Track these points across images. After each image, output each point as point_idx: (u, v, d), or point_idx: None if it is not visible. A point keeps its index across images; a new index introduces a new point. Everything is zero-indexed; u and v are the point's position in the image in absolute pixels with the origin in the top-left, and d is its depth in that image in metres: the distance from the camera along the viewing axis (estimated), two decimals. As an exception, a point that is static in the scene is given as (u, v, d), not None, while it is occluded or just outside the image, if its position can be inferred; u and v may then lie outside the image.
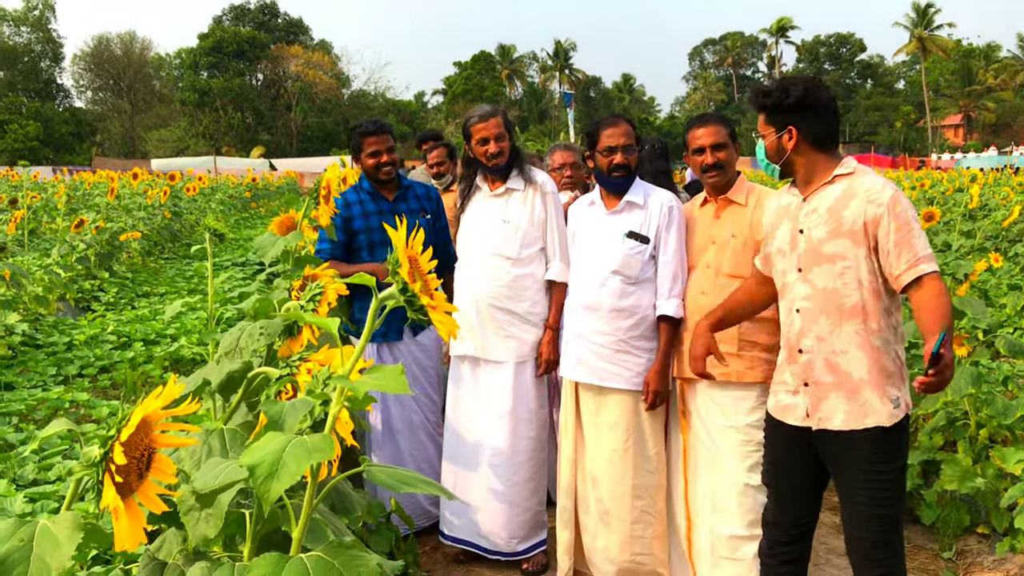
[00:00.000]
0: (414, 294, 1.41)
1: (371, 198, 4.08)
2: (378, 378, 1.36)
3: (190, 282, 11.25)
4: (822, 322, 2.63)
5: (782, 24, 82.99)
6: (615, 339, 3.40)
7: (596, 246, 3.49)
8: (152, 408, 1.26)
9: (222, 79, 64.76)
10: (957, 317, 4.82)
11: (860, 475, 2.64)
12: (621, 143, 3.43)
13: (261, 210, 26.77)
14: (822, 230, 2.61)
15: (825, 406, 2.66)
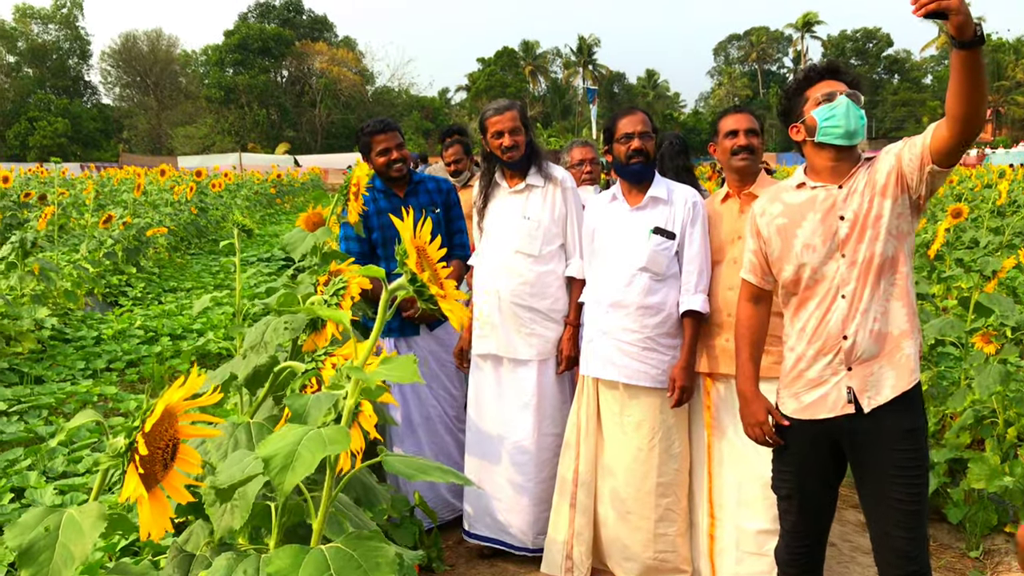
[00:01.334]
0: (423, 284, 1.42)
1: (383, 195, 4.12)
2: (390, 368, 1.37)
3: (216, 277, 11.35)
4: (866, 294, 2.61)
5: (808, 19, 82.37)
6: (643, 336, 3.39)
7: (621, 243, 3.48)
8: (175, 398, 1.28)
9: (247, 76, 65.22)
10: (985, 315, 4.78)
11: (897, 459, 2.61)
12: (639, 130, 3.44)
13: (286, 206, 26.92)
14: (864, 204, 2.60)
15: (872, 381, 2.62)
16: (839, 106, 2.64)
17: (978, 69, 2.24)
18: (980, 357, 4.46)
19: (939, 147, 2.44)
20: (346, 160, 45.40)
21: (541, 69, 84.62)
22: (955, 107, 2.33)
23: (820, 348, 2.69)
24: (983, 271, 4.89)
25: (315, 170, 42.26)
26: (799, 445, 2.82)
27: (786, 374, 2.82)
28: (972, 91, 2.28)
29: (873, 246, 2.59)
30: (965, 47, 2.20)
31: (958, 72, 2.26)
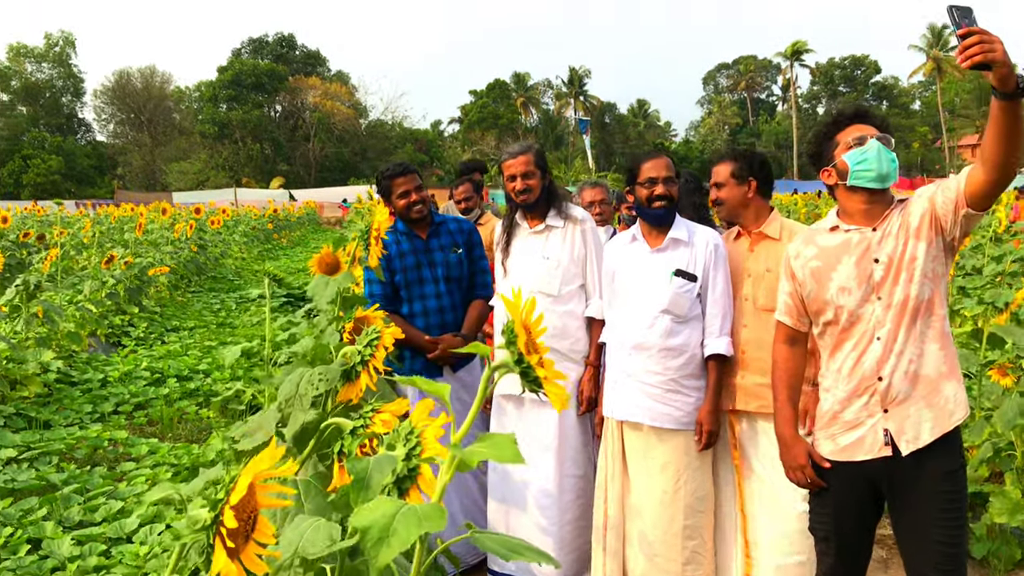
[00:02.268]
0: (530, 366, 1.41)
1: (406, 238, 4.15)
2: (491, 448, 1.36)
3: (218, 315, 11.32)
4: (901, 335, 2.61)
5: (796, 48, 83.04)
6: (666, 379, 3.39)
7: (643, 285, 3.48)
8: (260, 470, 1.27)
9: (241, 111, 65.45)
10: (999, 346, 4.79)
11: (938, 500, 2.60)
12: (663, 175, 3.45)
13: (283, 241, 26.93)
14: (899, 247, 2.62)
15: (910, 425, 2.61)
16: (870, 150, 2.66)
17: (1016, 119, 2.27)
18: (997, 389, 4.46)
19: (974, 191, 2.47)
20: (341, 194, 45.52)
21: (533, 100, 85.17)
22: (993, 153, 2.36)
23: (855, 389, 2.70)
24: (996, 303, 4.90)
25: (310, 204, 42.29)
26: (837, 487, 2.81)
27: (822, 415, 2.82)
28: (1011, 139, 2.31)
29: (908, 288, 2.60)
30: (1007, 98, 2.23)
31: (998, 120, 2.29)
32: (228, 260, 17.81)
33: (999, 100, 2.25)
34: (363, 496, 1.57)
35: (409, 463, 1.65)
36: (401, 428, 1.71)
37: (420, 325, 4.07)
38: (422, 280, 4.11)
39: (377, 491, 1.57)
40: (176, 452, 5.42)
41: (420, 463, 1.65)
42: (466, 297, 4.23)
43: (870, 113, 2.80)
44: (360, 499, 1.56)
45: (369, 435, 1.92)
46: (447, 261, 4.16)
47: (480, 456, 1.33)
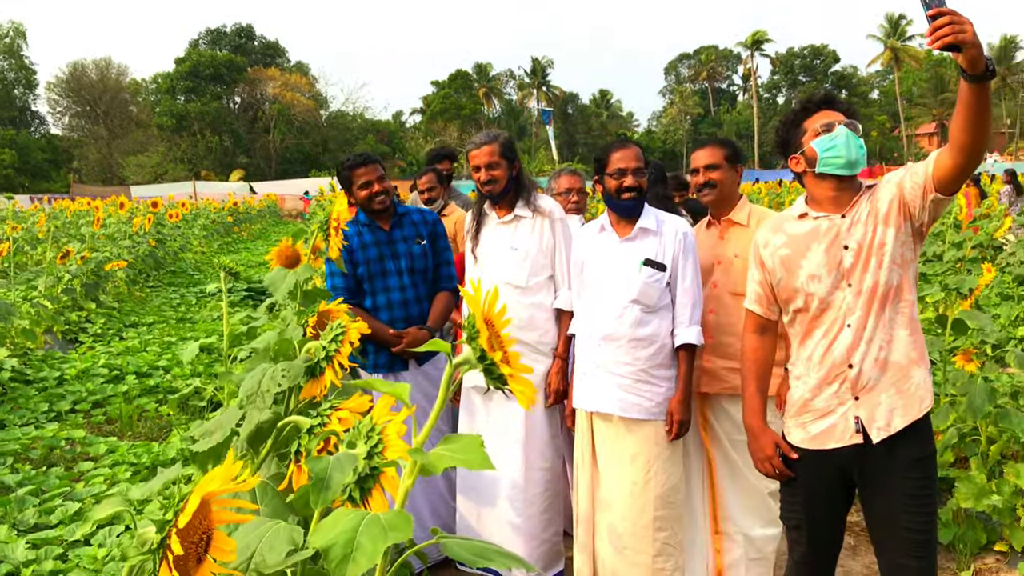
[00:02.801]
0: (493, 363, 1.34)
1: (368, 229, 4.06)
2: (457, 452, 1.29)
3: (177, 310, 11.13)
4: (870, 322, 2.60)
5: (757, 37, 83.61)
6: (636, 369, 3.35)
7: (612, 275, 3.43)
8: (211, 488, 1.19)
9: (199, 103, 64.57)
10: (962, 332, 4.81)
11: (908, 487, 2.59)
12: (632, 166, 3.40)
13: (243, 234, 26.62)
14: (868, 234, 2.61)
15: (880, 412, 2.60)
16: (839, 136, 2.64)
17: (985, 101, 2.25)
18: (962, 375, 4.47)
19: (942, 175, 2.45)
20: (302, 186, 45.05)
21: (495, 91, 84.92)
22: (961, 137, 2.34)
23: (825, 377, 2.68)
24: (960, 289, 4.92)
25: (271, 196, 41.85)
26: (807, 476, 2.79)
27: (793, 403, 2.80)
28: (978, 122, 2.28)
29: (878, 274, 2.58)
30: (976, 80, 2.20)
31: (966, 104, 2.26)
32: (187, 254, 17.56)
33: (968, 82, 2.22)
34: (323, 497, 1.50)
35: (371, 461, 1.59)
36: (362, 425, 1.65)
37: (384, 318, 4.00)
38: (385, 272, 4.03)
39: (338, 491, 1.50)
40: (135, 451, 5.30)
41: (383, 461, 1.59)
42: (431, 289, 4.16)
43: (837, 99, 2.77)
44: (320, 500, 1.49)
45: (327, 433, 1.84)
46: (411, 253, 4.08)
47: (447, 462, 1.26)
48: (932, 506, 2.63)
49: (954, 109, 2.36)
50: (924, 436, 2.62)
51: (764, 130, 79.74)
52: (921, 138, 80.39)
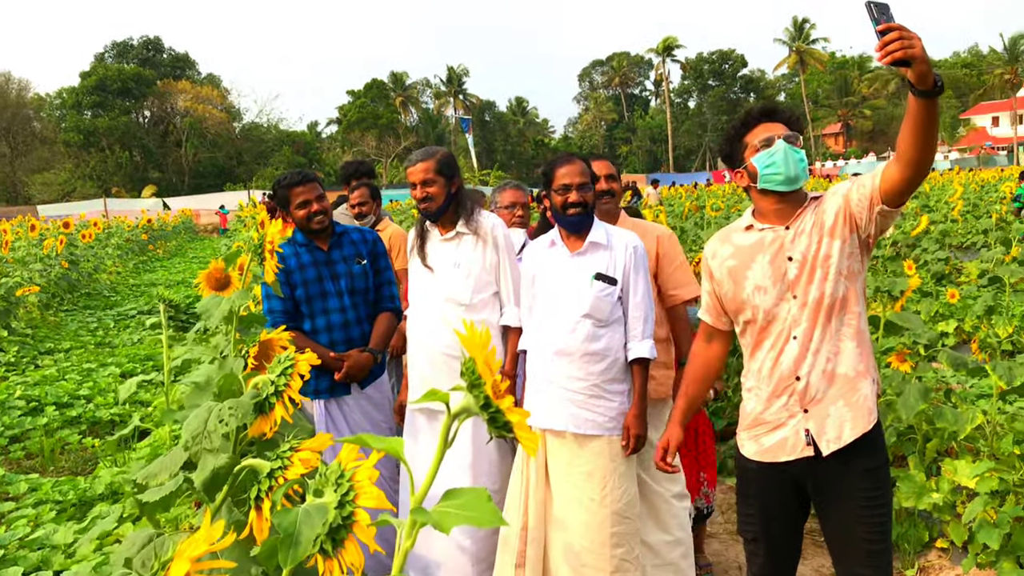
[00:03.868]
0: (499, 410, 1.27)
1: (306, 250, 3.95)
2: (462, 507, 1.21)
3: (95, 335, 10.74)
4: (816, 334, 2.60)
5: (668, 43, 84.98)
6: (589, 384, 3.32)
7: (563, 289, 3.40)
8: (196, 553, 1.10)
9: (107, 118, 62.68)
10: (896, 333, 4.91)
11: (861, 499, 2.60)
12: (576, 181, 3.36)
13: (159, 252, 25.91)
14: (812, 245, 2.60)
15: (830, 423, 2.60)
16: (777, 152, 2.63)
17: (933, 116, 2.25)
18: (896, 376, 4.56)
19: (889, 188, 2.44)
20: (217, 200, 44.11)
21: (412, 100, 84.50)
22: (908, 150, 2.33)
23: (774, 389, 2.68)
24: (891, 291, 5.02)
25: (186, 212, 40.83)
26: (762, 489, 2.79)
27: (745, 416, 2.80)
28: (926, 136, 2.29)
29: (823, 286, 2.58)
30: (925, 96, 2.20)
31: (914, 118, 2.26)
32: (102, 275, 16.97)
33: (917, 98, 2.21)
34: (293, 554, 1.42)
35: (343, 511, 1.51)
36: (329, 472, 1.56)
37: (324, 341, 3.89)
38: (325, 294, 3.92)
39: (308, 547, 1.42)
40: (60, 487, 5.05)
41: (355, 509, 1.51)
42: (372, 310, 4.06)
43: (778, 110, 2.75)
44: (290, 558, 1.41)
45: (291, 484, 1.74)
46: (351, 273, 3.98)
47: (454, 520, 1.19)
48: (887, 515, 2.64)
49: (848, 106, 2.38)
50: (875, 447, 2.63)
51: (677, 134, 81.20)
52: (828, 138, 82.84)
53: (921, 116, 2.25)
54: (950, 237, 15.09)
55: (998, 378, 4.42)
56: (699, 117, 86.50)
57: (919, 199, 19.04)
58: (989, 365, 4.34)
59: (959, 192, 19.26)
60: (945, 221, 16.24)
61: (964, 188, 20.95)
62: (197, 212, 43.24)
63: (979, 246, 13.81)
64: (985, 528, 3.82)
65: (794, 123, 2.73)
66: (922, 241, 12.92)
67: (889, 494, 2.67)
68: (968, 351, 7.37)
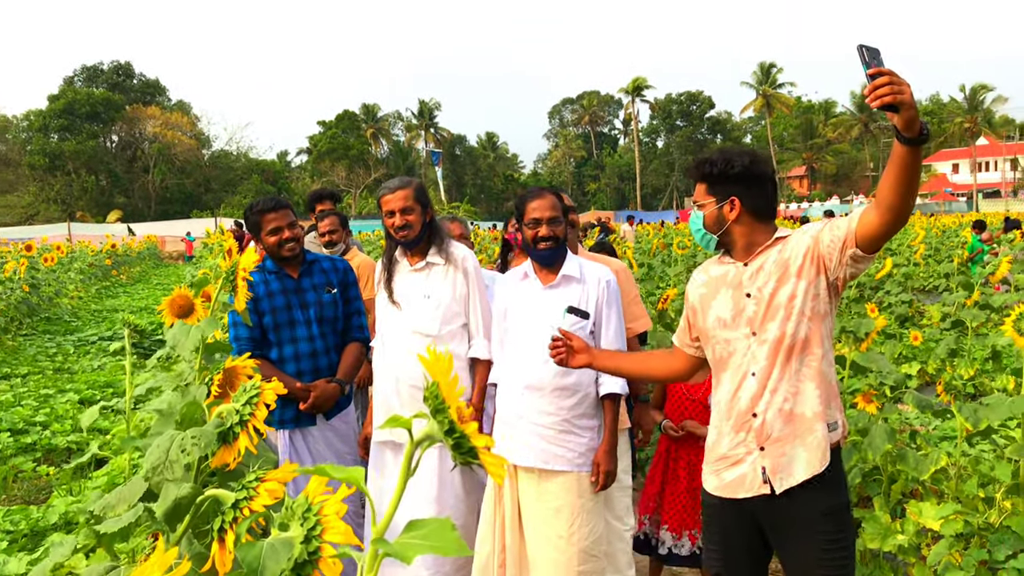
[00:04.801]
0: (464, 436, 1.24)
1: (275, 277, 3.90)
2: (426, 537, 1.18)
3: (54, 360, 10.53)
4: (775, 373, 2.59)
5: (637, 83, 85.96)
6: (559, 419, 3.29)
7: (536, 323, 3.37)
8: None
9: (74, 141, 62.08)
10: (862, 374, 4.94)
11: (820, 541, 2.59)
12: (547, 216, 3.36)
13: (122, 278, 25.57)
14: (772, 284, 2.60)
15: (785, 462, 2.59)
16: (691, 220, 2.80)
17: (917, 164, 2.25)
18: (863, 416, 4.57)
19: (867, 232, 2.43)
20: (184, 227, 43.73)
21: (383, 132, 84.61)
22: (890, 197, 2.32)
23: (733, 424, 2.68)
24: (857, 332, 5.05)
25: (151, 238, 40.37)
26: (723, 524, 2.79)
27: (709, 449, 2.80)
28: (908, 183, 2.29)
29: (785, 326, 2.57)
30: (910, 143, 2.20)
31: (898, 165, 2.26)
32: (64, 299, 16.69)
33: (902, 144, 2.21)
34: (259, 589, 1.37)
35: (309, 546, 1.46)
36: (296, 505, 1.52)
37: (291, 370, 3.83)
38: (293, 322, 3.87)
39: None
40: (12, 517, 4.90)
41: (322, 544, 1.46)
42: (340, 340, 4.01)
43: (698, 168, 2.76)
44: (256, 593, 1.37)
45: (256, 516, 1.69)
46: (320, 301, 3.93)
47: (416, 551, 1.15)
48: (848, 558, 2.63)
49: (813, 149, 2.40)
50: (834, 487, 2.62)
51: (645, 173, 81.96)
52: (792, 180, 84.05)
53: (905, 162, 2.24)
54: (912, 280, 15.30)
55: (964, 420, 4.45)
56: (667, 156, 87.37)
57: (883, 242, 19.29)
58: (955, 407, 4.36)
59: (921, 236, 19.58)
60: (908, 264, 16.49)
61: (926, 232, 21.30)
62: (163, 239, 42.80)
63: (941, 289, 14.01)
64: (951, 571, 3.81)
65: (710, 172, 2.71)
66: (885, 284, 13.07)
67: (851, 536, 2.66)
68: (931, 393, 7.44)
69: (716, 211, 2.68)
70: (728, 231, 2.69)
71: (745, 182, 2.65)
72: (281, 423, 3.83)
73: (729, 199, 2.65)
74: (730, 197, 2.65)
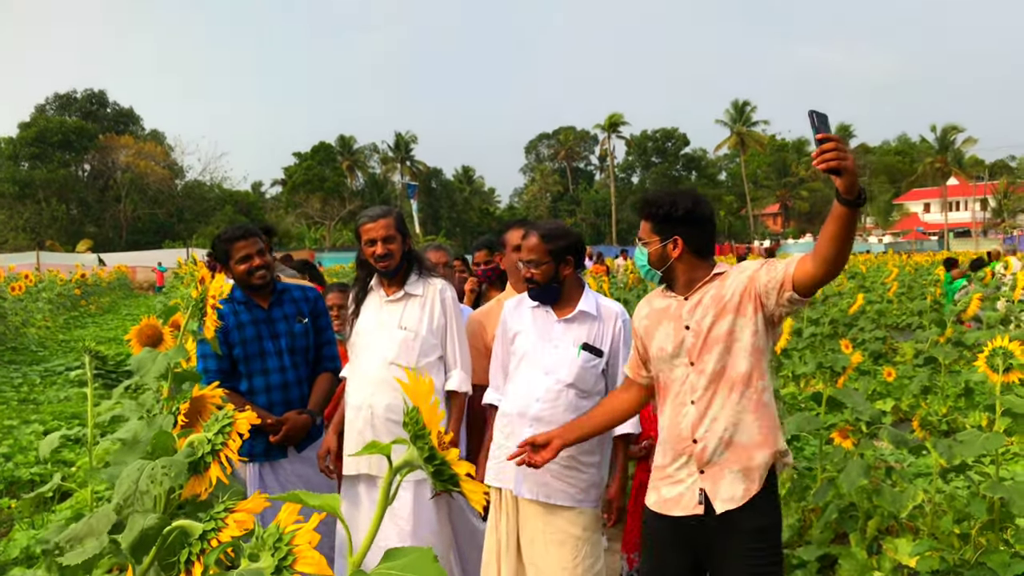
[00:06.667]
0: (444, 462, 1.20)
1: (245, 307, 3.84)
2: (406, 569, 1.13)
3: (19, 391, 10.34)
4: (716, 403, 2.72)
5: (613, 120, 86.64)
6: (566, 455, 3.24)
7: (548, 356, 3.36)
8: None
9: (45, 170, 61.49)
10: (838, 409, 4.94)
11: (749, 558, 2.69)
12: (530, 258, 3.38)
13: (92, 308, 25.27)
14: (709, 318, 2.74)
15: (724, 485, 2.71)
16: (635, 257, 2.93)
17: (853, 223, 2.44)
18: (839, 452, 4.56)
19: (802, 279, 2.59)
20: (155, 257, 43.35)
21: (359, 164, 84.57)
22: (826, 250, 2.49)
23: (675, 449, 2.81)
24: (834, 367, 5.06)
25: (122, 268, 39.92)
26: (658, 540, 2.90)
27: (654, 468, 2.93)
28: (844, 239, 2.46)
29: (724, 359, 2.72)
30: (849, 205, 2.38)
31: (836, 223, 2.43)
32: (31, 329, 16.44)
33: (841, 205, 2.39)
34: (228, 622, 1.31)
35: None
36: (266, 534, 1.46)
37: (262, 402, 3.75)
38: (264, 353, 3.80)
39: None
40: (-29, 551, 4.77)
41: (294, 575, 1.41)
42: (312, 370, 3.94)
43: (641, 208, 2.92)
44: (225, 626, 1.31)
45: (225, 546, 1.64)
46: (291, 332, 3.87)
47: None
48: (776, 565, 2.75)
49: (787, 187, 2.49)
50: (765, 507, 2.73)
51: (621, 208, 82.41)
52: (767, 217, 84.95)
53: (843, 221, 2.43)
54: (886, 317, 15.46)
55: (939, 456, 4.44)
56: (642, 192, 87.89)
57: (856, 279, 19.51)
58: (930, 443, 4.36)
59: (895, 274, 19.78)
60: (881, 301, 16.63)
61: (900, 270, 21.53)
62: (133, 268, 42.36)
63: (914, 327, 14.12)
64: (928, 608, 3.78)
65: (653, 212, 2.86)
66: (859, 320, 13.18)
67: (780, 554, 2.79)
68: (905, 429, 7.46)
69: (660, 249, 2.85)
70: (671, 267, 2.85)
71: (688, 223, 2.82)
72: (251, 456, 3.75)
73: (672, 238, 2.82)
74: (673, 237, 2.82)
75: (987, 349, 4.16)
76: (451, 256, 4.91)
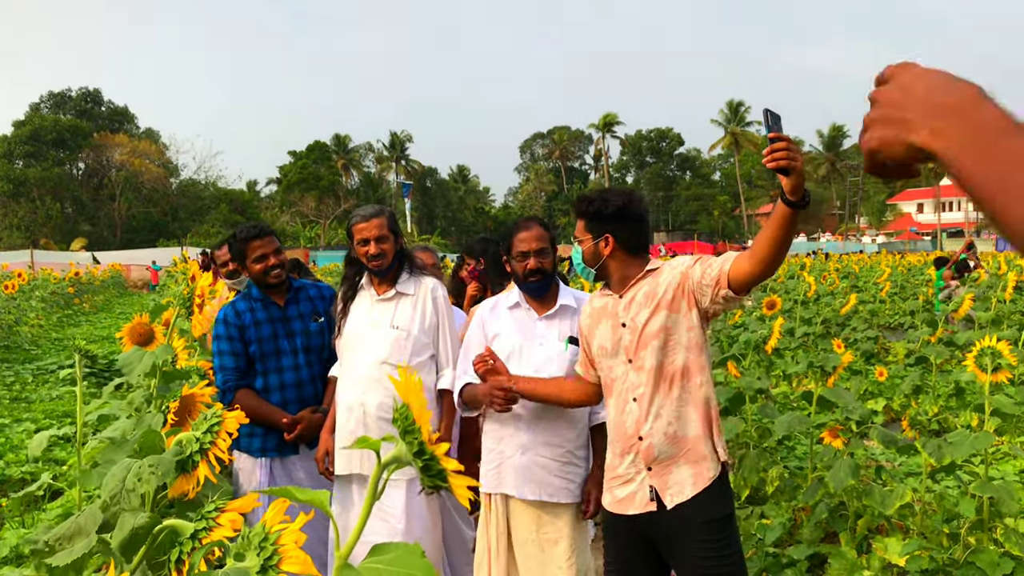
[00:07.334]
0: (434, 458, 1.20)
1: (261, 305, 3.87)
2: (391, 563, 1.13)
3: (12, 389, 10.32)
4: (657, 399, 2.75)
5: (608, 120, 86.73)
6: (564, 451, 3.26)
7: (533, 352, 3.34)
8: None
9: (39, 168, 61.39)
10: (828, 409, 4.96)
11: (702, 550, 2.71)
12: (534, 247, 3.33)
13: (85, 306, 25.22)
14: (643, 315, 2.78)
15: (672, 480, 2.74)
16: (571, 256, 2.99)
17: (794, 225, 2.46)
18: (830, 452, 4.58)
19: (737, 276, 2.62)
20: (150, 255, 43.30)
21: (354, 163, 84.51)
22: (764, 250, 2.52)
23: (622, 446, 2.85)
24: (824, 367, 5.07)
25: (116, 267, 39.88)
26: (617, 540, 2.93)
27: (606, 468, 2.97)
28: (782, 241, 2.49)
29: (660, 355, 2.75)
30: (792, 206, 2.40)
31: (778, 224, 2.45)
32: (24, 327, 16.40)
33: (784, 206, 2.41)
34: (213, 620, 1.32)
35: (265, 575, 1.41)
36: (252, 534, 1.46)
37: (276, 400, 3.77)
38: (279, 352, 3.82)
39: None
40: (-39, 550, 4.77)
41: (279, 574, 1.41)
42: (326, 368, 3.95)
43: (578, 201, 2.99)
44: (210, 624, 1.31)
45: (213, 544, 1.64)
46: (306, 330, 3.89)
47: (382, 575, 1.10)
48: (734, 567, 2.76)
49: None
50: (717, 499, 2.77)
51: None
52: (761, 217, 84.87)
53: (783, 223, 2.45)
54: (878, 317, 15.50)
55: (928, 456, 4.46)
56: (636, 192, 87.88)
57: (849, 279, 19.56)
58: (919, 443, 4.38)
59: (887, 274, 19.83)
60: (874, 301, 16.68)
61: (892, 270, 21.58)
62: (128, 267, 42.30)
63: (906, 327, 14.16)
64: (917, 607, 3.80)
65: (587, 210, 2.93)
66: (851, 320, 13.22)
67: (735, 547, 2.80)
68: (896, 429, 7.48)
69: (593, 246, 2.90)
70: (604, 265, 2.91)
71: (619, 221, 2.87)
72: (263, 451, 3.79)
73: (604, 236, 2.87)
74: (604, 234, 2.87)
75: (976, 348, 4.18)
76: (438, 257, 4.91)
